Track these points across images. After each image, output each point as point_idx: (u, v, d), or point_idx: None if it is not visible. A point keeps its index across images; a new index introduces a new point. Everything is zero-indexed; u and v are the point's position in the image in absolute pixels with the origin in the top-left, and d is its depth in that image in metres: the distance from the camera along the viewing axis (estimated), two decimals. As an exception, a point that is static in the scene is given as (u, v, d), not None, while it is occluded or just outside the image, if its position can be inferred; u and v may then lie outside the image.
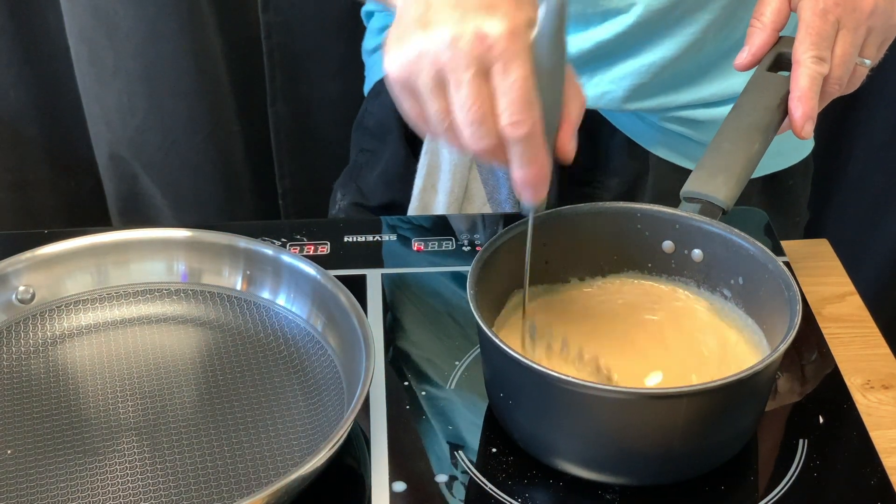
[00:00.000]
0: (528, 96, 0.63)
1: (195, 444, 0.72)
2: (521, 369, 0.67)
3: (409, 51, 0.65)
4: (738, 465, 0.72)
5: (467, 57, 0.63)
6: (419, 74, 0.65)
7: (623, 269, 0.82)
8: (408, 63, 0.65)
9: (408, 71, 0.65)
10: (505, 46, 0.63)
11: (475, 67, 0.63)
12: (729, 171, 0.78)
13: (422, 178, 1.06)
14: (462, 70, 0.63)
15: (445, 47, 0.63)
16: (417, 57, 0.64)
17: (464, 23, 0.63)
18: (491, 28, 0.63)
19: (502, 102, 0.63)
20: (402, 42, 0.65)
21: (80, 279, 0.85)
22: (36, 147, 1.55)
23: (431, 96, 0.65)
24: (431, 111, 0.66)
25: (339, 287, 0.79)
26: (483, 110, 0.63)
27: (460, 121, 0.64)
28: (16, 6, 1.42)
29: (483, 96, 0.63)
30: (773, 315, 0.74)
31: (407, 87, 0.66)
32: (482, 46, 0.63)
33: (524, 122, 0.63)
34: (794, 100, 0.78)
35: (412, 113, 0.68)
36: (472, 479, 0.71)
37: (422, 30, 0.64)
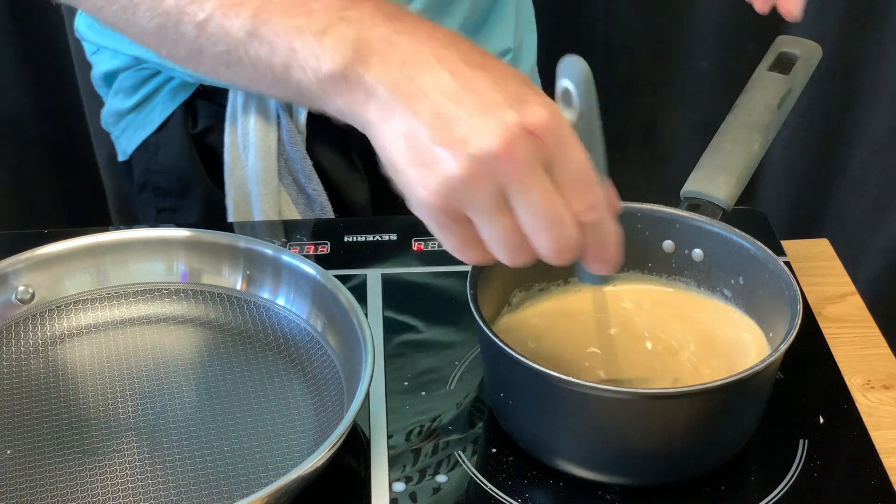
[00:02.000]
0: (592, 177, 0.58)
1: (195, 444, 0.72)
2: (521, 369, 0.67)
3: (451, 173, 0.55)
4: (738, 465, 0.72)
5: (527, 159, 0.55)
6: (474, 196, 0.56)
7: (623, 268, 0.82)
8: (455, 187, 0.55)
9: (456, 197, 0.56)
10: (556, 135, 0.56)
11: (539, 167, 0.56)
12: (729, 171, 0.79)
13: (231, 211, 1.05)
14: (527, 175, 0.55)
15: (500, 156, 0.55)
16: (467, 177, 0.55)
17: (505, 124, 0.55)
18: (536, 120, 0.55)
19: (572, 193, 0.57)
20: (433, 168, 0.56)
21: (80, 279, 0.85)
22: (36, 146, 1.55)
23: (495, 215, 0.57)
24: (496, 231, 0.57)
25: (339, 287, 0.79)
26: (559, 210, 0.57)
27: (535, 229, 0.57)
28: (16, 6, 1.43)
29: (554, 196, 0.57)
30: (773, 315, 0.74)
31: (451, 214, 0.57)
32: (536, 143, 0.55)
33: (598, 204, 0.58)
34: None
35: (460, 241, 0.59)
36: (472, 479, 0.71)
37: (457, 146, 0.55)
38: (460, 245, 0.59)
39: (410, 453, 0.74)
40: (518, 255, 0.58)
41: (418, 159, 0.56)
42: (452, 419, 0.76)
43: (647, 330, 0.79)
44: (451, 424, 0.76)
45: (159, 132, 1.07)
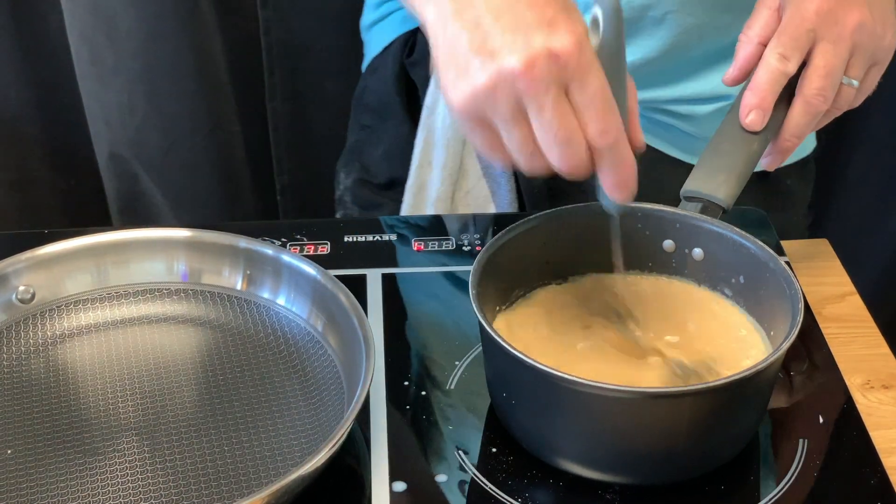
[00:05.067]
0: (609, 103, 0.63)
1: (195, 444, 0.72)
2: (523, 369, 0.67)
3: (478, 80, 0.63)
4: (738, 465, 0.72)
5: (545, 80, 0.62)
6: (495, 105, 0.63)
7: (623, 268, 0.82)
8: (479, 95, 0.63)
9: (480, 102, 0.63)
10: (577, 60, 0.62)
11: (555, 87, 0.62)
12: (729, 171, 0.79)
13: (418, 154, 1.06)
14: (542, 93, 0.62)
15: (520, 72, 0.62)
16: (490, 86, 0.62)
17: (531, 45, 0.62)
18: (559, 44, 0.62)
19: (587, 115, 0.63)
20: (466, 72, 0.63)
21: (80, 279, 0.85)
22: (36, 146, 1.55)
23: (512, 125, 0.64)
24: (513, 140, 0.64)
25: (339, 287, 0.79)
26: (570, 129, 0.63)
27: (547, 143, 0.64)
28: (16, 6, 1.43)
29: (568, 114, 0.63)
30: (773, 314, 0.74)
31: (479, 120, 0.65)
32: (557, 66, 0.62)
33: (611, 129, 0.64)
34: (747, 89, 0.78)
35: (485, 144, 0.66)
36: (472, 479, 0.71)
37: (488, 58, 0.62)
38: (485, 147, 0.66)
39: (410, 453, 0.74)
40: (533, 163, 0.65)
41: (454, 64, 0.64)
42: (452, 419, 0.76)
43: (647, 329, 0.78)
44: (451, 424, 0.76)
45: (383, 54, 1.11)
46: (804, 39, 0.76)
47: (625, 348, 0.76)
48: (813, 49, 0.77)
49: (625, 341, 0.77)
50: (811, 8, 0.76)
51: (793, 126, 0.78)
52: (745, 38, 0.80)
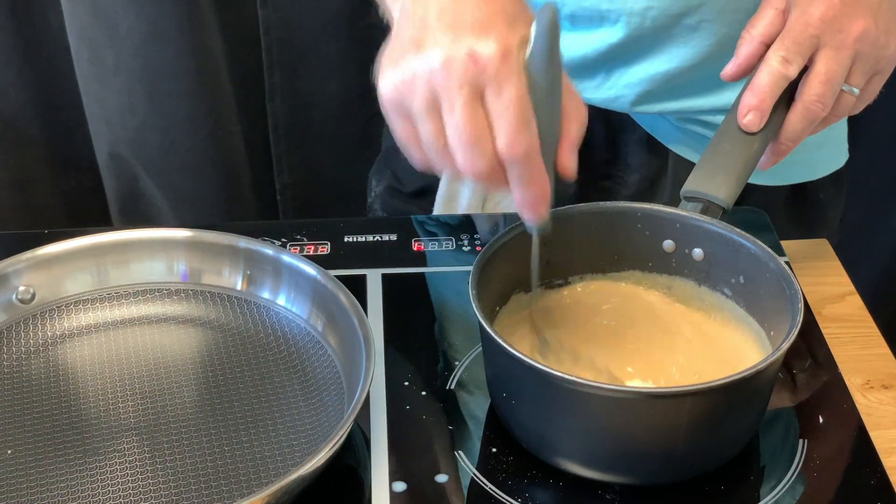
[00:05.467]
0: (523, 116, 0.63)
1: (195, 444, 0.72)
2: (524, 369, 0.67)
3: (403, 72, 0.65)
4: (738, 465, 0.72)
5: (460, 79, 0.63)
6: (412, 96, 0.64)
7: (624, 268, 0.82)
8: (401, 85, 0.65)
9: (400, 93, 0.65)
10: (497, 67, 0.63)
11: (468, 89, 0.63)
12: (729, 171, 0.79)
13: None
14: (455, 92, 0.63)
15: (438, 69, 0.63)
16: (411, 79, 0.64)
17: (457, 44, 0.63)
18: (483, 49, 0.63)
19: (497, 124, 0.63)
20: (396, 63, 0.65)
21: (80, 279, 0.85)
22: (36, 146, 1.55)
23: (425, 118, 0.65)
24: (424, 133, 0.65)
25: (339, 287, 0.79)
26: (477, 132, 0.63)
27: (454, 144, 0.64)
28: (16, 5, 1.43)
29: (477, 118, 0.63)
30: (773, 314, 0.74)
31: (400, 110, 0.66)
32: (475, 68, 0.63)
33: (520, 142, 0.63)
34: (747, 90, 0.78)
35: (404, 135, 0.67)
36: (472, 479, 0.71)
37: (415, 51, 0.64)
38: (402, 139, 0.67)
39: (410, 453, 0.74)
40: (442, 161, 0.66)
41: (391, 55, 0.66)
42: (452, 419, 0.76)
43: (647, 329, 0.79)
44: (451, 424, 0.76)
45: None
46: (807, 44, 0.76)
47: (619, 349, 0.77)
48: (815, 55, 0.77)
49: (623, 342, 0.77)
50: (816, 13, 0.76)
51: (790, 130, 0.78)
52: (747, 36, 0.80)
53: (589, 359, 0.75)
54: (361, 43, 1.46)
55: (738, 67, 0.80)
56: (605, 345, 0.77)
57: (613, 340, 0.78)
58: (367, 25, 1.45)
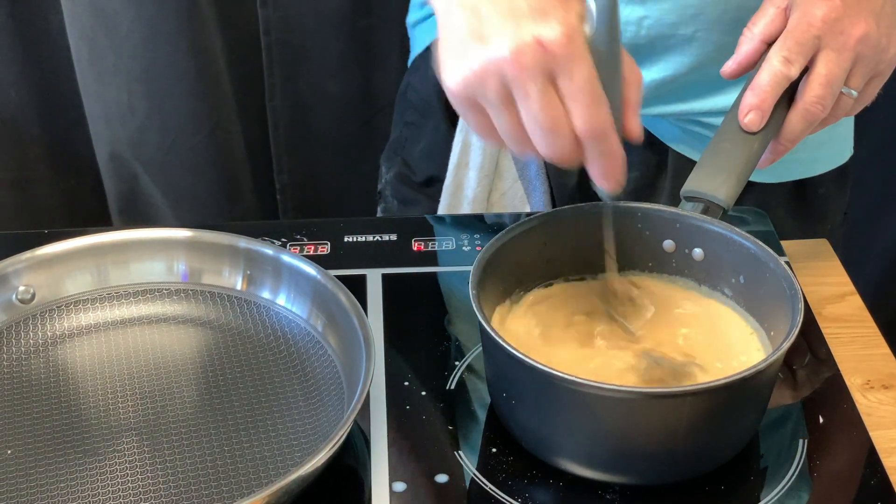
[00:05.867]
0: (596, 95, 0.64)
1: (195, 444, 0.72)
2: (524, 369, 0.67)
3: (470, 66, 0.65)
4: (738, 465, 0.72)
5: (531, 68, 0.63)
6: (484, 89, 0.65)
7: (624, 268, 0.82)
8: (471, 78, 0.65)
9: (471, 86, 0.65)
10: (565, 50, 0.63)
11: (541, 77, 0.64)
12: (729, 171, 0.79)
13: (456, 154, 1.07)
14: (528, 81, 0.64)
15: (508, 60, 0.63)
16: (481, 72, 0.64)
17: (521, 32, 0.63)
18: (548, 34, 0.63)
19: (572, 105, 0.64)
20: (460, 57, 0.66)
21: (80, 279, 0.85)
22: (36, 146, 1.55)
23: (500, 110, 0.65)
24: (501, 124, 0.66)
25: (339, 287, 0.79)
26: (554, 116, 0.64)
27: (533, 130, 0.65)
28: (16, 5, 1.43)
29: (553, 103, 0.64)
30: (774, 314, 0.74)
31: (471, 103, 0.67)
32: (544, 54, 0.63)
33: (597, 120, 0.65)
34: (748, 89, 0.78)
35: (479, 126, 0.68)
36: (472, 480, 0.71)
37: (480, 43, 0.65)
38: (478, 129, 0.68)
39: (410, 453, 0.74)
40: (521, 148, 0.67)
41: (451, 48, 0.66)
42: (452, 419, 0.76)
43: (647, 329, 0.79)
44: (451, 424, 0.76)
45: (425, 53, 1.11)
46: (809, 45, 0.76)
47: (622, 349, 0.76)
48: (816, 56, 0.77)
49: (622, 342, 0.77)
50: (819, 14, 0.76)
51: (790, 131, 0.78)
52: (748, 34, 0.80)
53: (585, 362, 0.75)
54: (361, 43, 1.46)
55: (738, 65, 0.80)
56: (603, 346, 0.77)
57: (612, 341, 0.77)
58: (367, 25, 1.45)
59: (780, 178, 1.02)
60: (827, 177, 1.05)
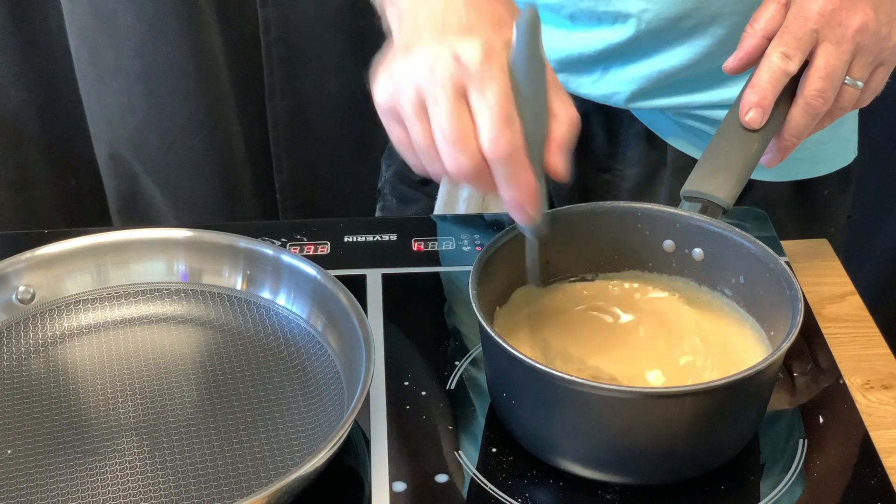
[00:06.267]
0: (506, 114, 0.64)
1: (195, 444, 0.72)
2: (524, 369, 0.67)
3: (392, 77, 0.66)
4: (738, 465, 0.72)
5: (444, 79, 0.64)
6: (401, 99, 0.66)
7: (624, 268, 0.82)
8: (391, 89, 0.66)
9: (392, 97, 0.67)
10: (480, 67, 0.64)
11: (452, 88, 0.64)
12: (729, 171, 0.78)
13: None
14: (439, 91, 0.64)
15: (424, 71, 0.65)
16: (400, 82, 0.66)
17: (441, 46, 0.65)
18: (467, 50, 0.64)
19: (480, 122, 0.64)
20: (387, 69, 0.67)
21: (80, 279, 0.85)
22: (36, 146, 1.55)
23: (413, 119, 0.66)
24: (414, 134, 0.66)
25: (339, 287, 0.79)
26: (460, 130, 0.64)
27: (439, 142, 0.65)
28: (16, 5, 1.43)
29: (462, 117, 0.64)
30: (774, 314, 0.74)
31: (393, 113, 0.67)
32: (458, 67, 0.64)
33: (503, 140, 0.64)
34: (748, 87, 0.78)
35: (399, 139, 0.68)
36: (472, 479, 0.71)
37: (405, 56, 0.66)
38: (397, 142, 0.68)
39: (410, 453, 0.74)
40: (432, 163, 0.66)
41: (385, 63, 0.68)
42: (452, 419, 0.76)
43: (647, 329, 0.79)
44: (451, 424, 0.76)
45: None
46: (807, 39, 0.76)
47: (622, 350, 0.77)
48: (815, 49, 0.77)
49: (622, 343, 0.77)
50: (815, 8, 0.76)
51: (793, 126, 0.78)
52: (750, 31, 0.80)
53: (585, 362, 0.75)
54: (361, 43, 1.46)
55: (739, 61, 0.80)
56: (603, 346, 0.77)
57: (612, 342, 0.78)
58: (366, 25, 1.45)
59: (782, 177, 1.02)
60: (830, 178, 1.05)
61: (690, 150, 1.01)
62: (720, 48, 0.92)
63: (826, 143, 1.01)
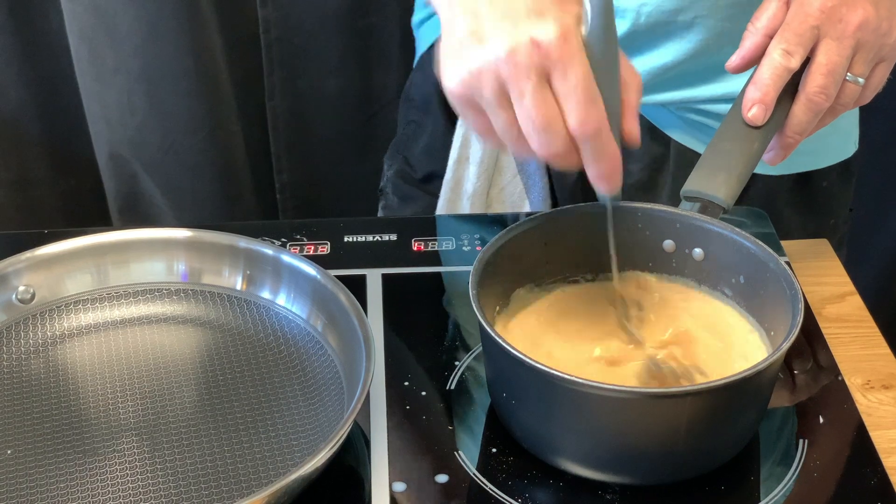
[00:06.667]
0: (590, 94, 0.65)
1: (195, 444, 0.72)
2: (524, 369, 0.67)
3: (468, 66, 0.66)
4: (738, 465, 0.72)
5: (526, 67, 0.64)
6: (481, 89, 0.66)
7: (624, 268, 0.82)
8: (468, 78, 0.66)
9: (469, 86, 0.66)
10: (560, 50, 0.64)
11: (535, 75, 0.64)
12: (729, 170, 0.79)
13: (456, 149, 1.07)
14: (523, 81, 0.64)
15: (504, 60, 0.64)
16: (477, 72, 0.65)
17: (517, 33, 0.64)
18: (544, 34, 0.64)
19: (567, 105, 0.65)
20: (458, 58, 0.66)
21: (80, 279, 0.85)
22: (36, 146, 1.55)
23: (496, 109, 0.66)
24: (498, 123, 0.67)
25: (339, 287, 0.79)
26: (549, 116, 0.65)
27: (528, 129, 0.65)
28: (16, 5, 1.43)
29: (547, 103, 0.65)
30: (774, 314, 0.74)
31: (469, 102, 0.67)
32: (539, 54, 0.64)
33: (591, 120, 0.65)
34: (750, 84, 0.78)
35: (478, 126, 0.68)
36: (472, 479, 0.71)
37: (477, 44, 0.65)
38: (477, 129, 0.69)
39: (410, 453, 0.74)
40: (518, 147, 0.67)
41: (451, 49, 0.67)
42: (452, 419, 0.76)
43: (647, 329, 0.78)
44: (451, 424, 0.76)
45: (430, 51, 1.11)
46: (808, 36, 0.77)
47: (622, 350, 0.76)
48: (816, 46, 0.77)
49: (622, 343, 0.77)
50: (816, 4, 0.76)
51: (795, 123, 0.78)
52: (752, 29, 0.80)
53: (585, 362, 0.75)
54: (361, 42, 1.46)
55: (742, 59, 0.80)
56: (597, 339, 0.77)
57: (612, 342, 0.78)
58: (366, 25, 1.45)
59: (783, 170, 1.02)
60: (831, 171, 1.05)
61: (694, 144, 1.01)
62: (719, 40, 0.92)
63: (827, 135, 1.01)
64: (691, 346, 0.77)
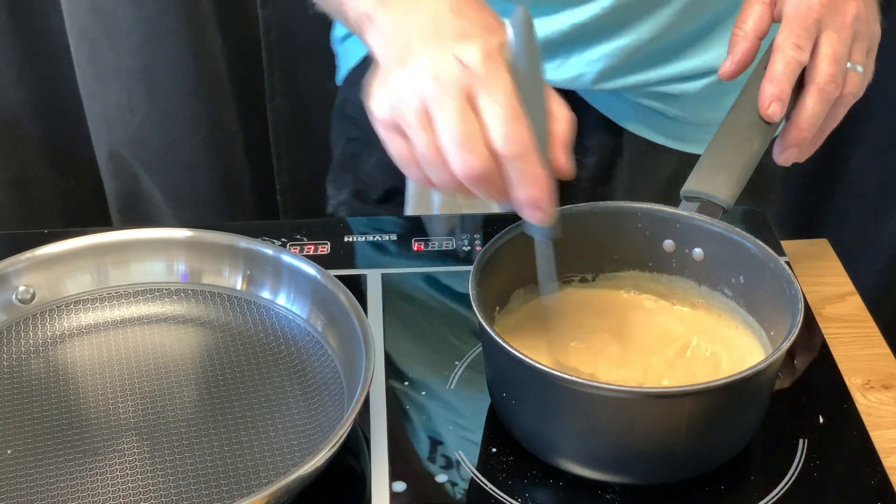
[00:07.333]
0: (516, 113, 0.63)
1: (195, 444, 0.72)
2: (524, 369, 0.67)
3: (393, 90, 0.65)
4: (738, 465, 0.72)
5: (450, 86, 0.63)
6: (404, 111, 0.65)
7: (623, 268, 0.82)
8: (394, 101, 0.65)
9: (394, 110, 0.65)
10: (485, 69, 0.63)
11: (459, 94, 0.63)
12: (729, 170, 0.79)
13: None
14: (445, 97, 0.63)
15: (428, 80, 0.64)
16: (402, 94, 0.65)
17: (441, 54, 0.64)
18: (468, 54, 0.64)
19: (491, 122, 0.63)
20: (384, 83, 0.66)
21: (80, 279, 0.85)
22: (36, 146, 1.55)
23: (418, 130, 0.64)
24: (419, 145, 0.65)
25: (339, 287, 0.79)
26: (469, 129, 0.63)
27: (447, 147, 0.63)
28: (16, 5, 1.43)
29: (469, 118, 0.63)
30: (773, 314, 0.74)
31: (394, 127, 0.66)
32: (463, 73, 0.63)
33: (516, 136, 0.63)
34: (765, 80, 0.78)
35: (401, 153, 0.67)
36: (472, 479, 0.71)
37: (402, 68, 0.65)
38: (400, 158, 0.67)
39: (410, 453, 0.74)
40: (438, 173, 0.65)
41: (380, 79, 0.67)
42: (452, 419, 0.76)
43: (647, 329, 0.79)
44: (450, 424, 0.76)
45: (361, 65, 1.10)
46: (813, 29, 0.78)
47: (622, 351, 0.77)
48: (819, 38, 0.78)
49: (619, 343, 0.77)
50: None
51: (809, 115, 0.78)
52: (741, 34, 0.80)
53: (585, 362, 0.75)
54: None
55: (735, 65, 0.80)
56: (597, 339, 0.77)
57: (608, 336, 0.78)
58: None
59: None
60: None
61: (647, 133, 1.01)
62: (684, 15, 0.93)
63: None
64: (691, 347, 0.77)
